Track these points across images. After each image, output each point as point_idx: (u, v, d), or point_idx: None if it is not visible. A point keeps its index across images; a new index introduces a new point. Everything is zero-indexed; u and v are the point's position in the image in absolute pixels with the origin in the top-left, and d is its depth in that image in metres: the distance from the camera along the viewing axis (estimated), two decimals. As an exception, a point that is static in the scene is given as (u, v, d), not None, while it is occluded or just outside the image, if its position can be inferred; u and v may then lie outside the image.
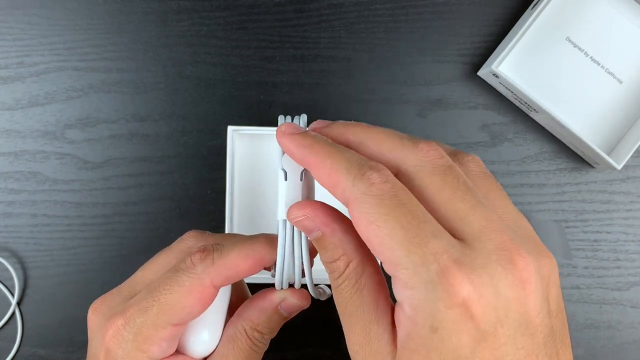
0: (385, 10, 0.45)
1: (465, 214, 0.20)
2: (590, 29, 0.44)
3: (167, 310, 0.25)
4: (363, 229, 0.20)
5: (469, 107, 0.45)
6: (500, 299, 0.19)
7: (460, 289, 0.19)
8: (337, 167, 0.21)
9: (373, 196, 0.20)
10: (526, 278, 0.20)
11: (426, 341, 0.19)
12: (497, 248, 0.20)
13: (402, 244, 0.19)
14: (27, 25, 0.44)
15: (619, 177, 0.45)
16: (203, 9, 0.44)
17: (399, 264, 0.19)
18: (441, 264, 0.19)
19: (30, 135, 0.44)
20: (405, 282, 0.19)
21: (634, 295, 0.45)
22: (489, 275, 0.19)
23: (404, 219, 0.19)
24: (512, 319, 0.19)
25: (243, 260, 0.26)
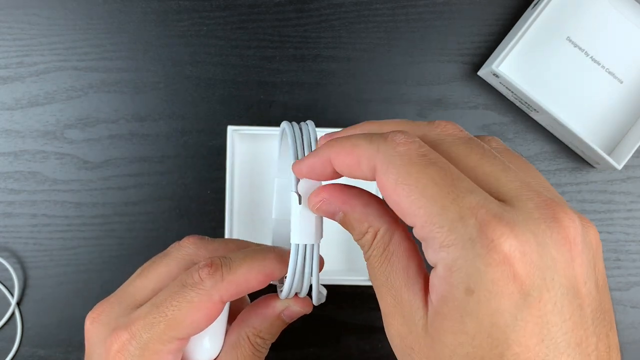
0: (385, 10, 0.45)
1: (498, 176, 0.19)
2: (591, 29, 0.44)
3: (175, 326, 0.24)
4: (392, 191, 0.19)
5: (469, 107, 0.45)
6: (546, 258, 0.17)
7: (502, 244, 0.17)
8: (357, 142, 0.20)
9: (401, 156, 0.19)
10: (573, 238, 0.18)
11: (461, 305, 0.17)
12: (538, 206, 0.18)
13: (436, 200, 0.18)
14: (26, 25, 0.44)
15: (620, 177, 0.45)
16: (203, 9, 0.44)
17: (434, 223, 0.18)
18: (479, 218, 0.17)
19: (30, 135, 0.44)
20: (441, 242, 0.18)
21: (634, 296, 0.45)
22: (532, 232, 0.17)
23: (437, 175, 0.18)
24: (559, 283, 0.17)
25: (254, 277, 0.25)
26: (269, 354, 0.45)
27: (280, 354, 0.44)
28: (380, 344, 0.44)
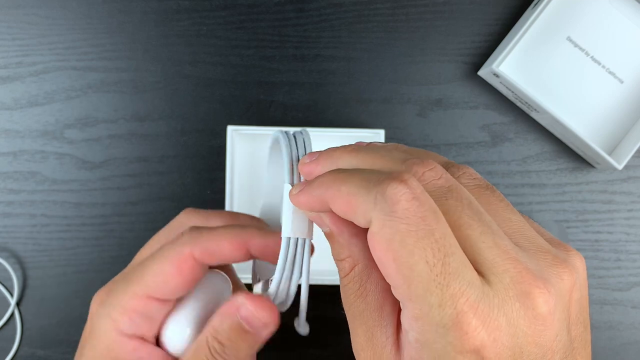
0: (385, 10, 0.45)
1: (475, 243, 0.19)
2: (591, 29, 0.44)
3: (145, 278, 0.24)
4: (381, 254, 0.19)
5: (470, 107, 0.45)
6: (518, 338, 0.18)
7: (474, 336, 0.18)
8: (355, 191, 0.19)
9: (397, 218, 0.18)
10: (546, 312, 0.18)
11: None
12: (514, 281, 0.18)
13: (422, 281, 0.18)
14: (26, 24, 0.44)
15: (620, 177, 0.45)
16: (203, 9, 0.44)
17: (413, 299, 0.18)
18: (458, 309, 0.18)
19: (30, 135, 0.44)
20: (416, 318, 0.18)
21: (635, 296, 0.45)
22: (506, 316, 0.18)
23: (430, 252, 0.18)
24: (527, 353, 0.18)
25: (228, 241, 0.25)
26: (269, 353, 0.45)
27: (280, 354, 0.44)
28: (381, 344, 0.44)
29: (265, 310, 0.24)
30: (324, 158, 0.23)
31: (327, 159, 0.22)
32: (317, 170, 0.23)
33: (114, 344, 0.24)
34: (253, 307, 0.24)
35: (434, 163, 0.20)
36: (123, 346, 0.24)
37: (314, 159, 0.23)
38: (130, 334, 0.24)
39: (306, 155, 0.23)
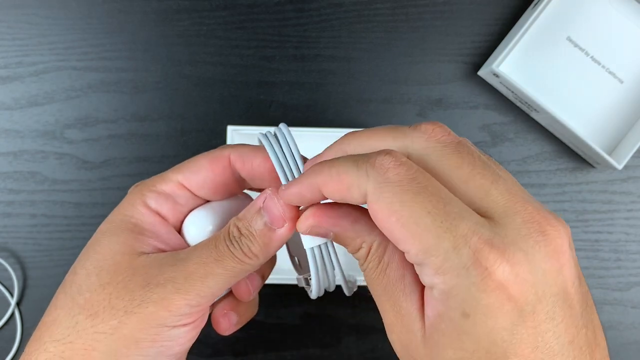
0: (386, 10, 0.45)
1: (488, 190, 0.19)
2: (591, 29, 0.44)
3: (181, 168, 0.26)
4: (385, 221, 0.19)
5: (470, 107, 0.45)
6: (538, 274, 0.18)
7: (495, 271, 0.18)
8: (345, 169, 0.20)
9: (391, 183, 0.19)
10: (560, 247, 0.19)
11: (458, 325, 0.18)
12: (526, 221, 0.19)
13: (430, 230, 0.18)
14: (26, 24, 0.44)
15: (620, 177, 0.45)
16: (203, 9, 0.44)
17: (428, 251, 0.18)
18: (473, 247, 0.18)
19: (30, 135, 0.44)
20: (436, 269, 0.18)
21: (634, 296, 0.45)
22: (523, 251, 0.18)
23: (429, 203, 0.19)
24: (550, 293, 0.19)
25: (262, 156, 0.26)
26: (270, 354, 0.46)
27: (280, 354, 0.44)
28: (380, 344, 0.44)
29: (287, 206, 0.23)
30: (327, 148, 0.24)
31: (332, 146, 0.24)
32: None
33: (137, 213, 0.25)
34: (276, 198, 0.23)
35: (439, 122, 0.21)
36: (145, 216, 0.25)
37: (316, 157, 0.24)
38: (154, 209, 0.25)
39: (311, 159, 0.24)
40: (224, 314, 0.28)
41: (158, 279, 0.22)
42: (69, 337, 0.22)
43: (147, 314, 0.22)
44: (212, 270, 0.23)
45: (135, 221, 0.25)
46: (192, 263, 0.23)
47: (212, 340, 0.44)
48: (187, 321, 0.23)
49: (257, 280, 0.28)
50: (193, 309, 0.23)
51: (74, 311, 0.22)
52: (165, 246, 0.25)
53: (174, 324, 0.22)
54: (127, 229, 0.24)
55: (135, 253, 0.23)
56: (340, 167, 0.21)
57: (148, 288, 0.22)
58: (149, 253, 0.24)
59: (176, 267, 0.23)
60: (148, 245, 0.24)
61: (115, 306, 0.22)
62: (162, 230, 0.25)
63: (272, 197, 0.23)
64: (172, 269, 0.23)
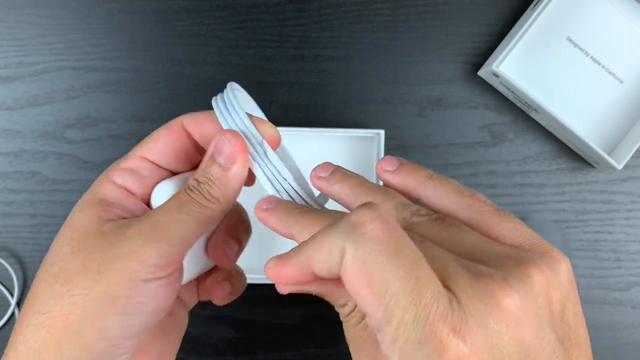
0: (386, 10, 0.45)
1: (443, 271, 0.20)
2: (591, 29, 0.44)
3: (141, 143, 0.27)
4: (356, 281, 0.19)
5: (469, 107, 0.45)
6: (493, 338, 0.18)
7: (450, 344, 0.18)
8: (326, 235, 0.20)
9: (368, 240, 0.19)
10: (513, 308, 0.19)
11: None
12: (475, 289, 0.19)
13: (399, 301, 0.18)
14: (26, 24, 0.44)
15: (620, 177, 0.45)
16: (203, 9, 0.44)
17: (390, 322, 0.18)
18: (430, 319, 0.18)
19: (30, 135, 0.44)
20: (394, 340, 0.18)
21: (634, 296, 0.45)
22: (474, 318, 0.18)
23: (402, 269, 0.18)
24: (509, 353, 0.18)
25: (213, 120, 0.26)
26: (270, 354, 0.46)
27: (280, 354, 0.44)
28: (380, 344, 0.44)
29: (237, 141, 0.24)
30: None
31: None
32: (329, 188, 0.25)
33: (104, 189, 0.26)
34: (224, 136, 0.24)
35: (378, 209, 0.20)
36: (111, 191, 0.26)
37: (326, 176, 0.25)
38: (120, 185, 0.26)
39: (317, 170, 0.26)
40: (217, 282, 0.29)
41: (127, 235, 0.23)
42: (47, 306, 0.22)
43: (120, 269, 0.22)
44: (176, 217, 0.24)
45: (101, 196, 0.25)
46: (156, 215, 0.24)
47: (212, 340, 0.44)
48: (160, 274, 0.23)
49: (234, 245, 0.28)
50: (164, 260, 0.23)
51: (50, 281, 0.23)
52: (131, 215, 0.25)
53: (147, 276, 0.23)
54: (94, 203, 0.25)
55: (103, 220, 0.24)
56: (322, 234, 0.20)
57: (117, 244, 0.23)
58: (116, 220, 0.25)
59: (142, 222, 0.24)
60: (115, 215, 0.25)
61: (88, 267, 0.22)
62: (128, 203, 0.26)
63: (220, 137, 0.24)
64: (138, 223, 0.24)
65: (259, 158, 0.25)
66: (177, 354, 0.44)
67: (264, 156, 0.25)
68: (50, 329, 0.22)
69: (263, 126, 0.26)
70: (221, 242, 0.28)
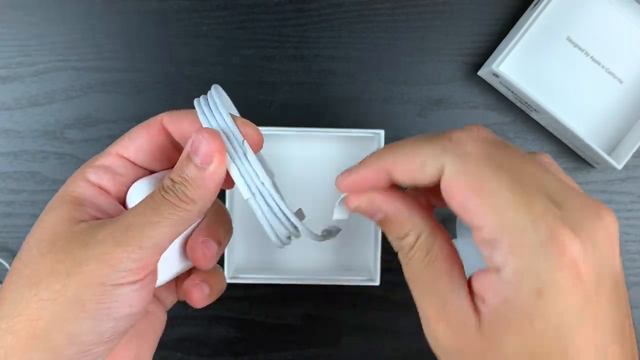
0: (386, 10, 0.45)
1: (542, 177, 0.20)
2: (591, 29, 0.44)
3: (118, 140, 0.26)
4: (462, 194, 0.19)
5: (469, 107, 0.45)
6: (598, 255, 0.19)
7: (571, 248, 0.18)
8: (419, 145, 0.21)
9: (469, 156, 0.19)
10: (614, 231, 0.19)
11: (529, 306, 0.18)
12: (584, 204, 0.19)
13: (510, 204, 0.18)
14: (26, 25, 0.44)
15: (620, 177, 0.45)
16: (203, 9, 0.44)
17: (505, 227, 0.18)
18: (549, 224, 0.18)
19: (30, 135, 0.44)
20: (512, 247, 0.18)
21: (634, 296, 0.45)
22: (587, 231, 0.19)
23: (508, 179, 0.19)
24: (608, 276, 0.19)
25: (191, 118, 0.26)
26: (270, 354, 0.45)
27: (280, 354, 0.44)
28: (380, 344, 0.44)
29: (214, 140, 0.23)
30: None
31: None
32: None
33: (78, 187, 0.25)
34: (201, 135, 0.23)
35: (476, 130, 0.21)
36: (84, 189, 0.25)
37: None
38: (94, 182, 0.25)
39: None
40: (195, 284, 0.28)
41: (97, 237, 0.22)
42: (16, 310, 0.21)
43: (89, 272, 0.21)
44: (149, 219, 0.22)
45: (75, 194, 0.25)
46: (129, 216, 0.23)
47: (212, 340, 0.44)
48: (132, 278, 0.22)
49: (213, 246, 0.27)
50: (136, 264, 0.22)
51: (19, 284, 0.22)
52: (104, 215, 0.24)
53: (119, 281, 0.22)
54: (66, 202, 0.24)
55: (75, 221, 0.23)
56: (414, 146, 0.21)
57: (88, 247, 0.22)
58: (89, 221, 0.24)
59: (115, 224, 0.23)
60: (87, 215, 0.24)
61: (56, 270, 0.22)
62: (101, 202, 0.25)
63: (197, 137, 0.23)
64: (110, 225, 0.23)
65: (238, 159, 0.24)
66: (177, 354, 0.44)
67: (243, 157, 0.24)
68: (17, 334, 0.21)
69: (245, 127, 0.25)
70: (199, 243, 0.27)
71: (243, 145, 0.24)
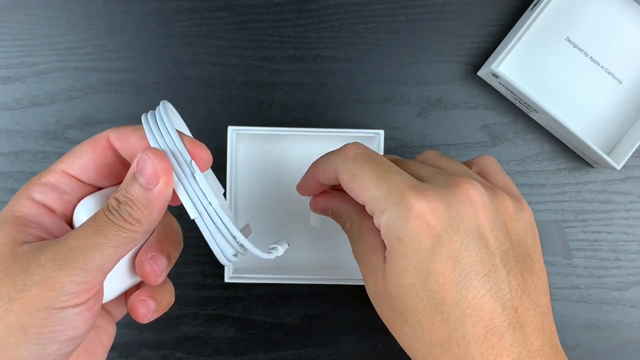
0: (385, 10, 0.45)
1: (424, 169, 0.28)
2: (590, 29, 0.44)
3: (63, 157, 0.26)
4: (347, 182, 0.27)
5: (469, 107, 0.45)
6: (452, 211, 0.24)
7: (416, 204, 0.24)
8: (323, 159, 0.30)
9: (349, 158, 0.27)
10: (472, 196, 0.25)
11: (395, 251, 0.25)
12: (447, 180, 0.26)
13: (373, 181, 0.26)
14: (27, 25, 0.44)
15: (619, 177, 0.45)
16: (203, 9, 0.44)
17: (373, 198, 0.25)
18: (400, 189, 0.25)
19: (31, 135, 0.44)
20: (380, 211, 0.25)
21: (633, 295, 0.45)
22: (439, 194, 0.25)
23: (373, 166, 0.26)
24: (464, 229, 0.24)
25: (139, 135, 0.25)
26: (270, 354, 0.46)
27: (280, 353, 0.44)
28: (380, 343, 0.44)
29: (160, 161, 0.23)
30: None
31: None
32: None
33: (22, 206, 0.24)
34: (147, 156, 0.23)
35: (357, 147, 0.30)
36: (29, 209, 0.24)
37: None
38: (39, 201, 0.25)
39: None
40: (140, 300, 0.27)
41: (39, 261, 0.22)
42: None
43: (31, 297, 0.21)
44: (93, 241, 0.22)
45: (18, 214, 0.24)
46: (72, 239, 0.22)
47: (212, 340, 0.44)
48: (76, 301, 0.22)
49: (162, 261, 0.27)
50: (80, 287, 0.22)
51: None
52: (49, 236, 0.24)
53: (62, 304, 0.21)
54: (9, 222, 0.24)
55: (17, 243, 0.23)
56: (323, 158, 0.30)
57: (29, 271, 0.21)
58: (32, 242, 0.23)
59: (57, 246, 0.22)
60: (31, 235, 0.23)
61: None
62: (46, 221, 0.24)
63: (143, 157, 0.23)
64: (52, 248, 0.22)
65: (185, 179, 0.24)
66: (177, 353, 0.44)
67: (190, 177, 0.24)
68: None
69: (193, 146, 0.25)
70: (148, 258, 0.26)
71: (191, 165, 0.24)
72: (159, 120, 0.25)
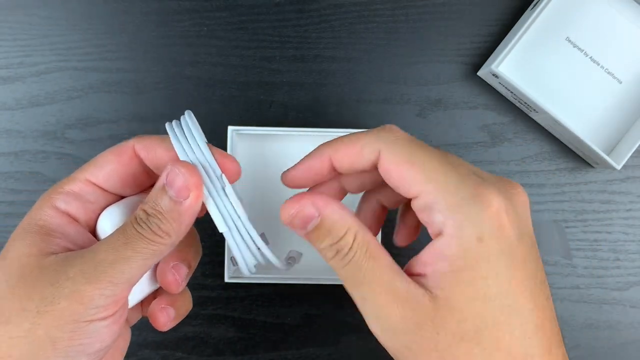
0: (385, 10, 0.45)
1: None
2: (590, 29, 0.44)
3: (86, 165, 0.26)
4: (398, 169, 0.23)
5: (469, 107, 0.45)
6: (518, 214, 0.22)
7: (495, 200, 0.21)
8: (358, 135, 0.24)
9: (401, 139, 0.23)
10: (525, 200, 0.23)
11: (474, 252, 0.21)
12: (499, 178, 0.23)
13: (439, 170, 0.22)
14: (27, 25, 0.44)
15: (619, 177, 0.45)
16: (203, 9, 0.44)
17: (439, 189, 0.22)
18: (473, 182, 0.22)
19: (31, 135, 0.44)
20: (448, 203, 0.21)
21: (633, 295, 0.45)
22: (505, 194, 0.22)
23: (435, 153, 0.23)
24: (526, 234, 0.22)
25: (165, 146, 0.25)
26: (269, 354, 0.46)
27: (280, 353, 0.44)
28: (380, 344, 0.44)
29: (191, 174, 0.23)
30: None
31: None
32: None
33: (45, 215, 0.24)
34: (177, 169, 0.23)
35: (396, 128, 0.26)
36: (53, 218, 0.24)
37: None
38: (63, 210, 0.24)
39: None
40: (161, 308, 0.27)
41: (67, 274, 0.21)
42: None
43: (60, 310, 0.21)
44: (122, 255, 0.22)
45: (42, 223, 0.24)
46: (100, 252, 0.22)
47: (212, 340, 0.44)
48: (104, 314, 0.22)
49: (184, 270, 0.27)
50: (108, 300, 0.22)
51: None
52: (74, 246, 0.24)
53: (91, 317, 0.21)
54: (34, 232, 0.24)
55: (43, 254, 0.23)
56: (352, 135, 0.25)
57: (58, 284, 0.21)
58: (58, 253, 0.23)
59: (85, 259, 0.22)
60: (56, 246, 0.23)
61: (26, 308, 0.21)
62: (71, 231, 0.24)
63: (173, 170, 0.23)
64: (81, 261, 0.22)
65: (215, 192, 0.24)
66: (178, 353, 0.44)
67: (220, 191, 0.24)
68: None
69: (223, 159, 0.24)
70: (170, 267, 0.26)
71: (221, 179, 0.24)
72: (187, 132, 0.24)
